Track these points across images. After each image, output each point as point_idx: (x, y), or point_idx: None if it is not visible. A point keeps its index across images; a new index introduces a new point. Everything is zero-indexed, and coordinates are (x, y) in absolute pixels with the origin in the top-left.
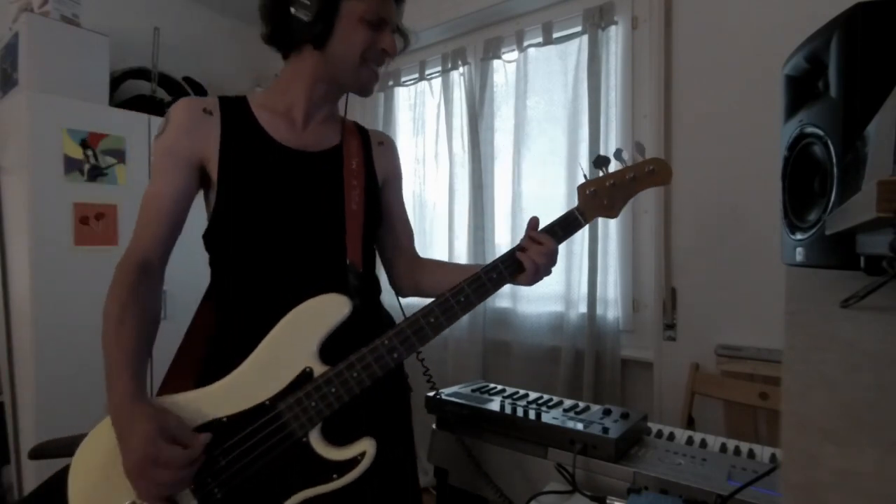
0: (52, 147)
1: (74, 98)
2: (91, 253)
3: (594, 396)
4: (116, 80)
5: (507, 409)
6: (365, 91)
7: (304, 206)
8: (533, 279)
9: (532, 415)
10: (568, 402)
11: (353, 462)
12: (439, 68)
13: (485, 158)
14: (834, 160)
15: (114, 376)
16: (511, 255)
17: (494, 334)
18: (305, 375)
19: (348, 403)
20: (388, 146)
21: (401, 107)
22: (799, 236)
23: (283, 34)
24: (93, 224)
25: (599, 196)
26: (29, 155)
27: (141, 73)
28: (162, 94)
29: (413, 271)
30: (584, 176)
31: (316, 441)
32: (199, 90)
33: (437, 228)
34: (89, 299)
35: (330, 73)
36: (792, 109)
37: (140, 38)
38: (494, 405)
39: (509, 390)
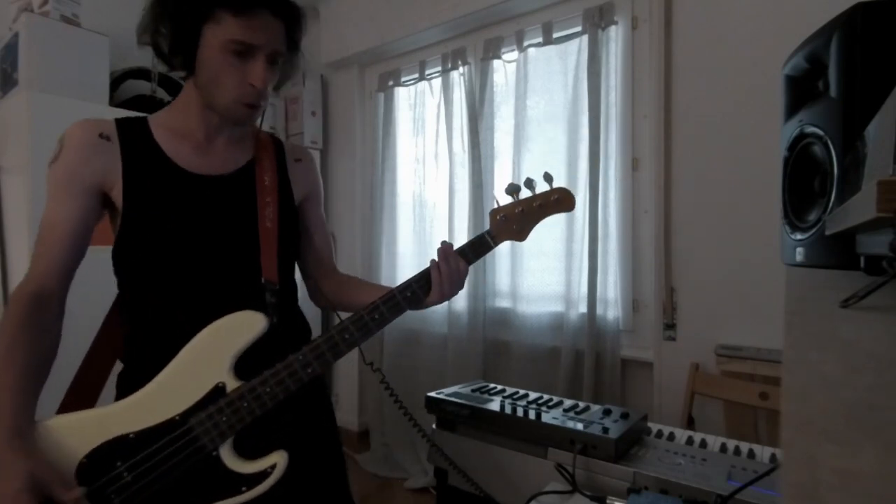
0: (52, 147)
1: (74, 98)
2: (91, 253)
3: (594, 396)
4: (116, 80)
5: (507, 409)
6: (240, 124)
7: (214, 231)
8: (440, 299)
9: (532, 415)
10: (568, 402)
11: (262, 475)
12: (439, 68)
13: (485, 158)
14: (834, 160)
15: None
16: (425, 275)
17: (494, 334)
18: (218, 391)
19: (263, 418)
20: (307, 162)
21: (401, 107)
22: (799, 236)
23: (160, 59)
24: None
25: (509, 221)
26: (29, 155)
27: (141, 73)
28: (162, 94)
29: (331, 286)
30: (496, 202)
31: (226, 455)
32: None
33: (437, 228)
34: (89, 300)
35: (209, 103)
36: (792, 109)
37: None
38: (494, 405)
39: (509, 390)
